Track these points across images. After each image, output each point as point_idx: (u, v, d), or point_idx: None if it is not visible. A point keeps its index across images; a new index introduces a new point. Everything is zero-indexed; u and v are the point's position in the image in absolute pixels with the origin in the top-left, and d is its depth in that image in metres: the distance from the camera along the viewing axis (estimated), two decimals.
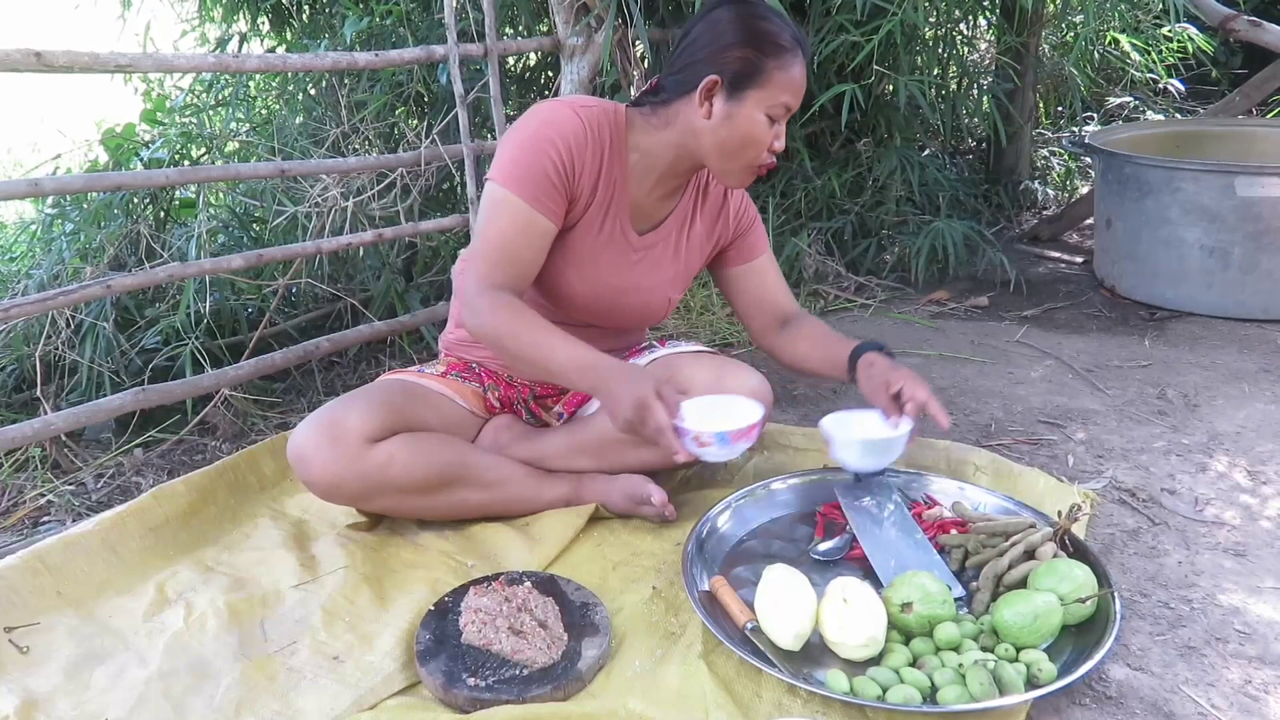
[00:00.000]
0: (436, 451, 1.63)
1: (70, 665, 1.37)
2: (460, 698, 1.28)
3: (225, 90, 3.44)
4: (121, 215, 2.62)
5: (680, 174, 1.67)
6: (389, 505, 1.66)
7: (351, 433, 1.56)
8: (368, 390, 1.70)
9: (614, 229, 1.68)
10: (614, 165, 1.63)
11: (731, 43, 1.53)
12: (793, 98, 1.55)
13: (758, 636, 1.37)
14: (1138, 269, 2.97)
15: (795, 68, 1.53)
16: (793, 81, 1.54)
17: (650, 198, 1.70)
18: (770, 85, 1.52)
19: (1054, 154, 4.45)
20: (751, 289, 1.88)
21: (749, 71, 1.52)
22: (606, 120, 1.62)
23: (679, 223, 1.76)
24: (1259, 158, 3.25)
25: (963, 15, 3.69)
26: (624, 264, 1.71)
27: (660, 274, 1.75)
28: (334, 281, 2.71)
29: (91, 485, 2.03)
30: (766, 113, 1.54)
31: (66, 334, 2.24)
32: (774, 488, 1.77)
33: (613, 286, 1.71)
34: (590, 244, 1.67)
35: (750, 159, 1.58)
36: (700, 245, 1.80)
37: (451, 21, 2.40)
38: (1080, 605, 1.38)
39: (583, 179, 1.60)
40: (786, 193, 3.42)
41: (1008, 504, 1.70)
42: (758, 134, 1.55)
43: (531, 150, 1.56)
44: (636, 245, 1.71)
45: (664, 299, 1.78)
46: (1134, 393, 2.32)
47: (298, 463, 1.58)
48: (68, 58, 1.83)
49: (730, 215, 1.81)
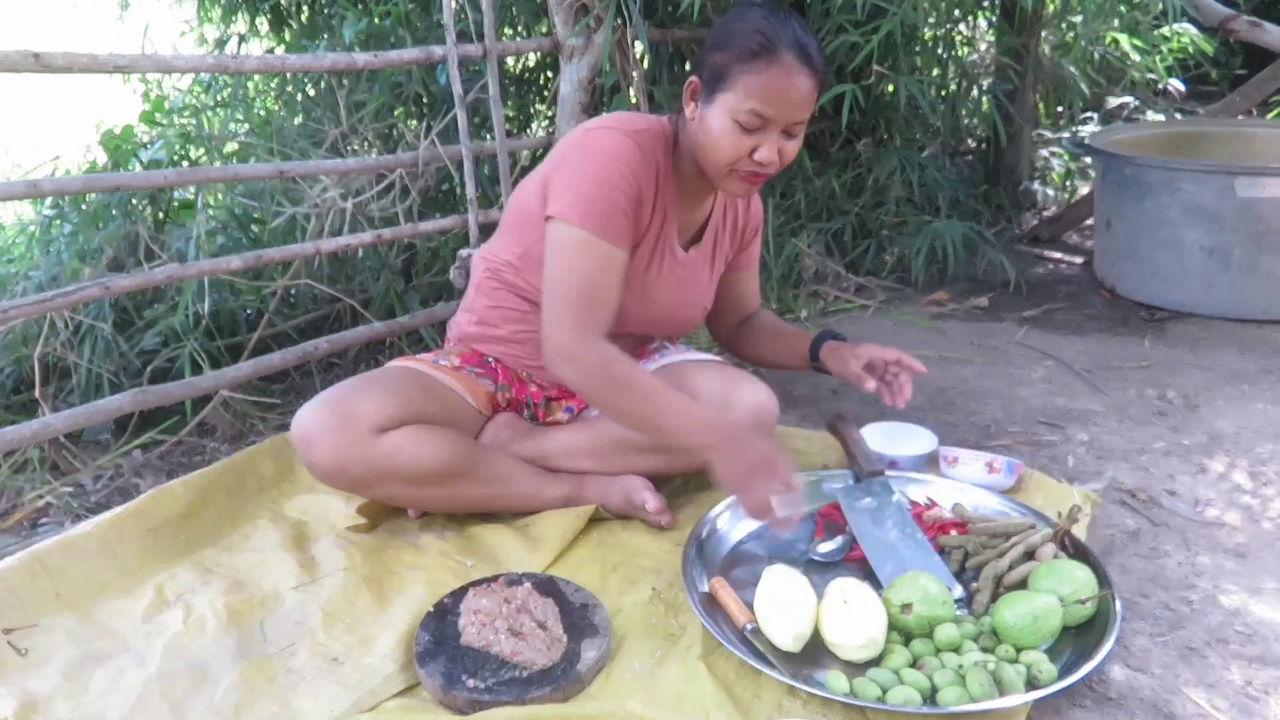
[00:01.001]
0: (442, 445, 1.62)
1: (69, 667, 1.37)
2: (460, 699, 1.28)
3: (224, 91, 3.43)
4: (120, 216, 2.61)
5: (705, 181, 1.63)
6: (389, 494, 1.65)
7: (362, 420, 1.55)
8: (381, 377, 1.68)
9: (665, 247, 1.69)
10: (667, 186, 1.64)
11: (711, 44, 1.52)
12: (764, 104, 1.46)
13: (757, 638, 1.37)
14: (1138, 270, 2.97)
15: (770, 73, 1.45)
16: (764, 89, 1.46)
17: (690, 210, 1.72)
18: (737, 90, 1.47)
19: (1054, 154, 4.45)
20: (736, 293, 1.91)
21: (717, 75, 1.49)
22: (659, 143, 1.61)
23: (713, 233, 1.78)
24: (1259, 158, 3.24)
25: (962, 16, 3.69)
26: (672, 280, 1.72)
27: (700, 285, 1.78)
28: (333, 282, 2.71)
29: (90, 487, 2.03)
30: (734, 119, 1.48)
31: (65, 335, 2.23)
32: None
33: (662, 304, 1.73)
34: (645, 266, 1.68)
35: (724, 165, 1.53)
36: (725, 251, 1.82)
37: (450, 22, 2.39)
38: (1080, 606, 1.38)
39: (645, 206, 1.60)
40: (786, 193, 3.42)
41: (1008, 505, 1.69)
42: (726, 141, 1.50)
43: (602, 184, 1.53)
44: (683, 261, 1.73)
45: (701, 308, 1.82)
46: (1134, 394, 2.32)
47: (302, 444, 1.56)
48: (66, 59, 1.83)
49: (750, 220, 1.83)
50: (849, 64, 2.99)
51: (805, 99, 1.49)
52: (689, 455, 1.58)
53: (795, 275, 3.10)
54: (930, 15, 3.29)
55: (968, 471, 1.81)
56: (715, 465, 1.47)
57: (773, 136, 1.50)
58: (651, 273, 1.69)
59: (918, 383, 2.37)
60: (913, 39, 3.18)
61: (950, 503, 1.72)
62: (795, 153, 1.55)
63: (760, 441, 1.48)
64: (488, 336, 1.81)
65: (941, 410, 2.25)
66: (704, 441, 1.48)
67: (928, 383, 2.40)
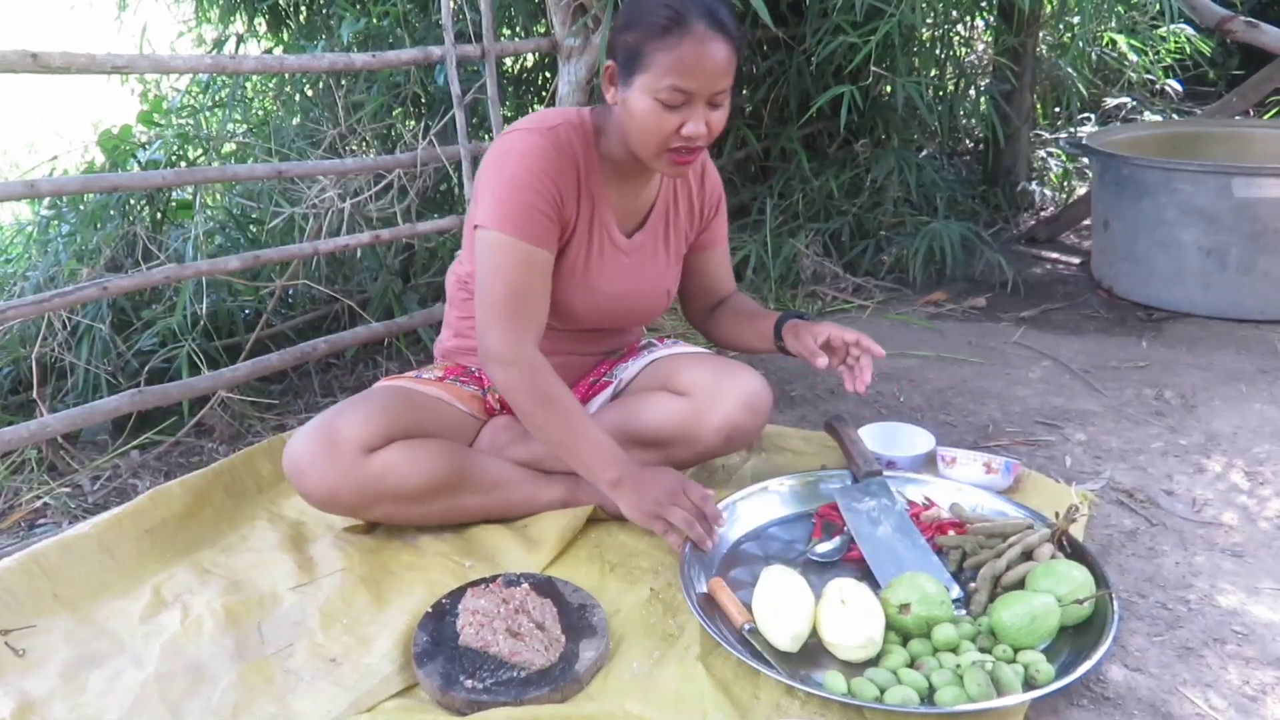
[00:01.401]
0: (433, 458, 1.62)
1: (66, 668, 1.37)
2: (458, 700, 1.28)
3: (222, 91, 3.44)
4: (118, 217, 2.61)
5: (644, 166, 1.61)
6: (387, 514, 1.65)
7: (348, 442, 1.56)
8: (364, 398, 1.68)
9: (602, 239, 1.67)
10: (590, 177, 1.62)
11: (622, 25, 1.49)
12: (683, 78, 1.43)
13: (755, 638, 1.36)
14: (1135, 270, 2.97)
15: (683, 47, 1.42)
16: (680, 63, 1.43)
17: (629, 196, 1.69)
18: (653, 69, 1.44)
19: (1051, 155, 4.45)
20: (705, 274, 1.86)
21: (632, 56, 1.47)
22: (575, 134, 1.60)
23: (663, 214, 1.75)
24: (1256, 158, 3.25)
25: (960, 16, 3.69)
26: (619, 270, 1.70)
27: (654, 269, 1.75)
28: (331, 283, 2.71)
29: (88, 487, 2.03)
30: (655, 98, 1.45)
31: (63, 336, 2.23)
32: (771, 489, 1.77)
33: (611, 295, 1.71)
34: (584, 260, 1.66)
35: (654, 147, 1.50)
36: (684, 231, 1.79)
37: (449, 22, 2.39)
38: (1078, 606, 1.39)
39: (567, 201, 1.59)
40: (784, 194, 3.42)
41: (1005, 505, 1.70)
42: (651, 121, 1.47)
43: (516, 187, 1.54)
44: (627, 248, 1.71)
45: (662, 292, 1.78)
46: (1131, 394, 2.32)
47: (294, 474, 1.58)
48: (64, 59, 1.83)
49: (707, 199, 1.79)
50: (847, 65, 2.99)
51: (724, 67, 1.46)
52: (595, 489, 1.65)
53: (793, 276, 3.10)
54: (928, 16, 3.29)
55: (965, 472, 1.81)
56: (621, 501, 1.52)
57: (698, 109, 1.47)
58: (593, 265, 1.67)
59: (915, 383, 2.40)
60: (910, 40, 3.18)
61: (948, 503, 1.72)
62: (723, 122, 1.52)
63: (665, 476, 1.52)
64: (465, 348, 1.82)
65: (939, 410, 2.25)
66: (611, 476, 1.52)
67: (925, 383, 2.41)
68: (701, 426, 1.67)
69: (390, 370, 2.54)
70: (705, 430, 1.68)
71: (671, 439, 1.70)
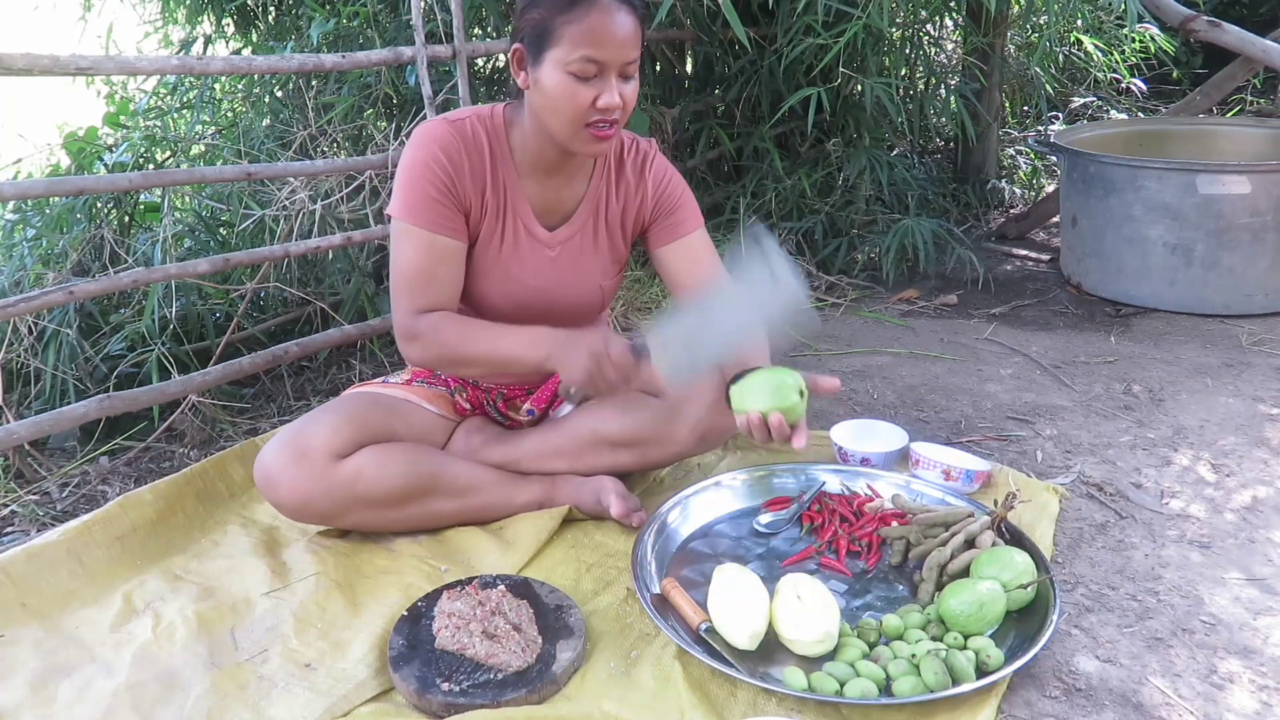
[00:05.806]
0: (405, 462, 1.61)
1: (36, 678, 1.35)
2: (434, 703, 1.27)
3: (190, 93, 3.40)
4: (84, 220, 2.58)
5: (562, 156, 1.61)
6: (360, 521, 1.64)
7: (317, 450, 1.55)
8: (332, 405, 1.67)
9: (518, 232, 1.66)
10: (499, 168, 1.62)
11: (525, 4, 1.49)
12: (594, 49, 1.44)
13: (713, 637, 1.37)
14: (1103, 266, 3.01)
15: (591, 18, 1.43)
16: (590, 33, 1.43)
17: (551, 190, 1.67)
18: (564, 42, 1.44)
19: (1020, 153, 4.50)
20: (681, 267, 1.79)
21: (540, 33, 1.47)
22: (482, 124, 1.61)
23: (592, 208, 1.72)
24: (1220, 156, 3.30)
25: (929, 16, 3.72)
26: (541, 264, 1.69)
27: (584, 265, 1.73)
28: (303, 285, 2.68)
29: (56, 495, 2.00)
30: (568, 71, 1.45)
31: (29, 341, 2.20)
32: (724, 484, 1.78)
33: (534, 289, 1.69)
34: (496, 252, 1.66)
35: (571, 123, 1.49)
36: (621, 227, 1.75)
37: (419, 23, 2.38)
38: (1022, 591, 1.42)
39: (467, 189, 1.59)
40: (757, 193, 3.44)
41: (946, 494, 1.72)
42: (565, 96, 1.47)
43: (414, 174, 1.57)
44: (550, 242, 1.69)
45: (595, 288, 1.75)
46: (1100, 388, 2.35)
47: (265, 485, 1.58)
48: (27, 60, 1.80)
49: (649, 193, 1.74)
50: (817, 65, 3.01)
51: (631, 36, 1.47)
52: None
53: None
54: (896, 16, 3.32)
55: (928, 476, 1.83)
56: (558, 367, 1.53)
57: (610, 81, 1.47)
58: (505, 254, 1.66)
59: (888, 380, 2.41)
60: (880, 40, 3.20)
61: (890, 494, 1.74)
62: (635, 95, 1.53)
63: (588, 338, 1.51)
64: None
65: (912, 407, 2.27)
66: (543, 352, 1.54)
67: (898, 380, 2.42)
68: (674, 427, 1.68)
69: (364, 373, 2.53)
70: (678, 430, 1.68)
71: (645, 440, 1.71)
